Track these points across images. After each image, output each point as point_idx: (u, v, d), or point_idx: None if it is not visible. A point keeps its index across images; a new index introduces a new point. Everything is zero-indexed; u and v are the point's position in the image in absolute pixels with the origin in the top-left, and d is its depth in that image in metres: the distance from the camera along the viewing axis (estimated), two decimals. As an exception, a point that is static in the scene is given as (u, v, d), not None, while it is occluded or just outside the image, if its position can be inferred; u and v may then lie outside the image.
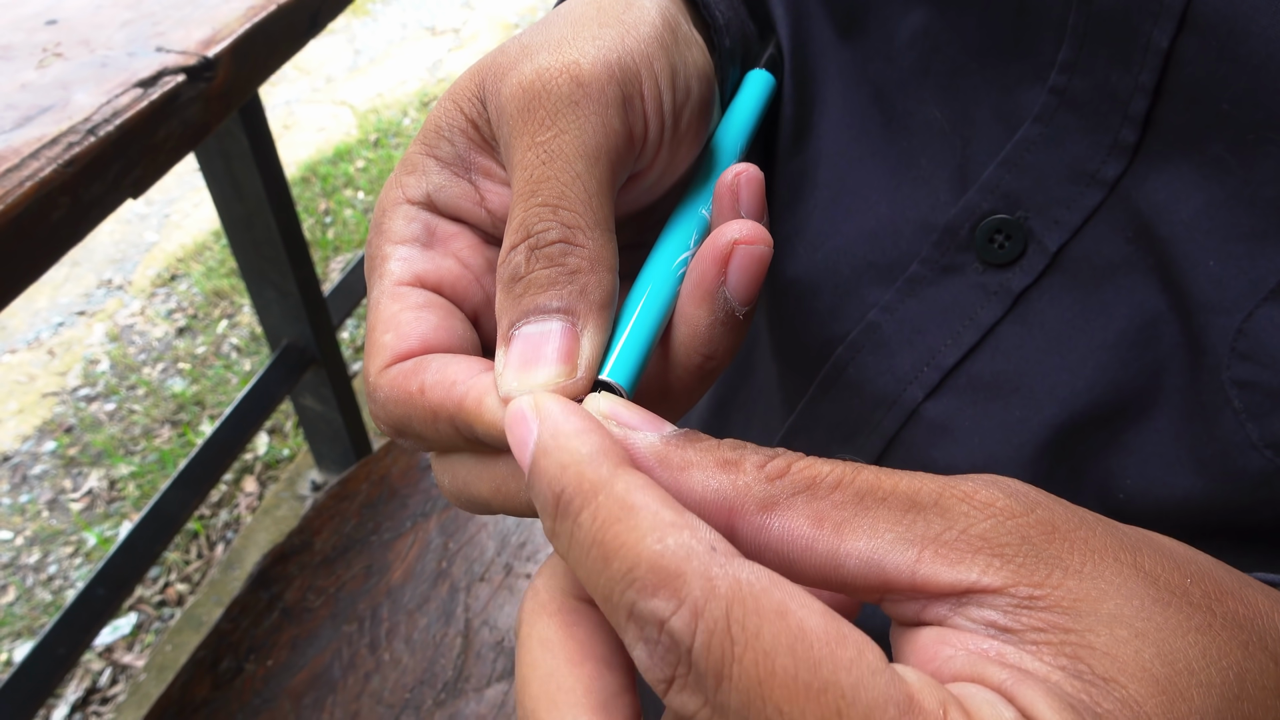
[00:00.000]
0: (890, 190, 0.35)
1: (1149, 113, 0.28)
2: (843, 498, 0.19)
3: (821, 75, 0.37)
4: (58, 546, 1.73)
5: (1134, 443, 0.30)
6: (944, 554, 0.18)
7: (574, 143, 0.24)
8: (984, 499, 0.19)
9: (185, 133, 0.67)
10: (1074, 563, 0.18)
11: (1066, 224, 0.30)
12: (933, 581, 0.18)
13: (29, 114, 0.61)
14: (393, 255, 0.27)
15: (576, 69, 0.25)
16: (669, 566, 0.17)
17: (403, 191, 0.28)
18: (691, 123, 0.29)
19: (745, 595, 0.17)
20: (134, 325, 2.19)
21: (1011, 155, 0.31)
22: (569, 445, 0.19)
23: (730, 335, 0.26)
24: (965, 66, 0.33)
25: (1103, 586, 0.18)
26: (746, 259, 0.25)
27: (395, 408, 0.25)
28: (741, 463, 0.20)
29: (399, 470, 1.00)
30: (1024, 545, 0.18)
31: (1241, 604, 0.19)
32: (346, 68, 3.06)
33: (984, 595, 0.18)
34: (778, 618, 0.16)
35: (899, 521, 0.19)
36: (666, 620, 0.17)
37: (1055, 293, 0.31)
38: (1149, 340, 0.29)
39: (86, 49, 0.69)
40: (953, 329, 0.33)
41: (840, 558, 0.19)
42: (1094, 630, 0.17)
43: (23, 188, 0.55)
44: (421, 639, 0.84)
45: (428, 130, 0.28)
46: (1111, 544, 0.19)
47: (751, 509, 0.20)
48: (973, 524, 0.19)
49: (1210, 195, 0.27)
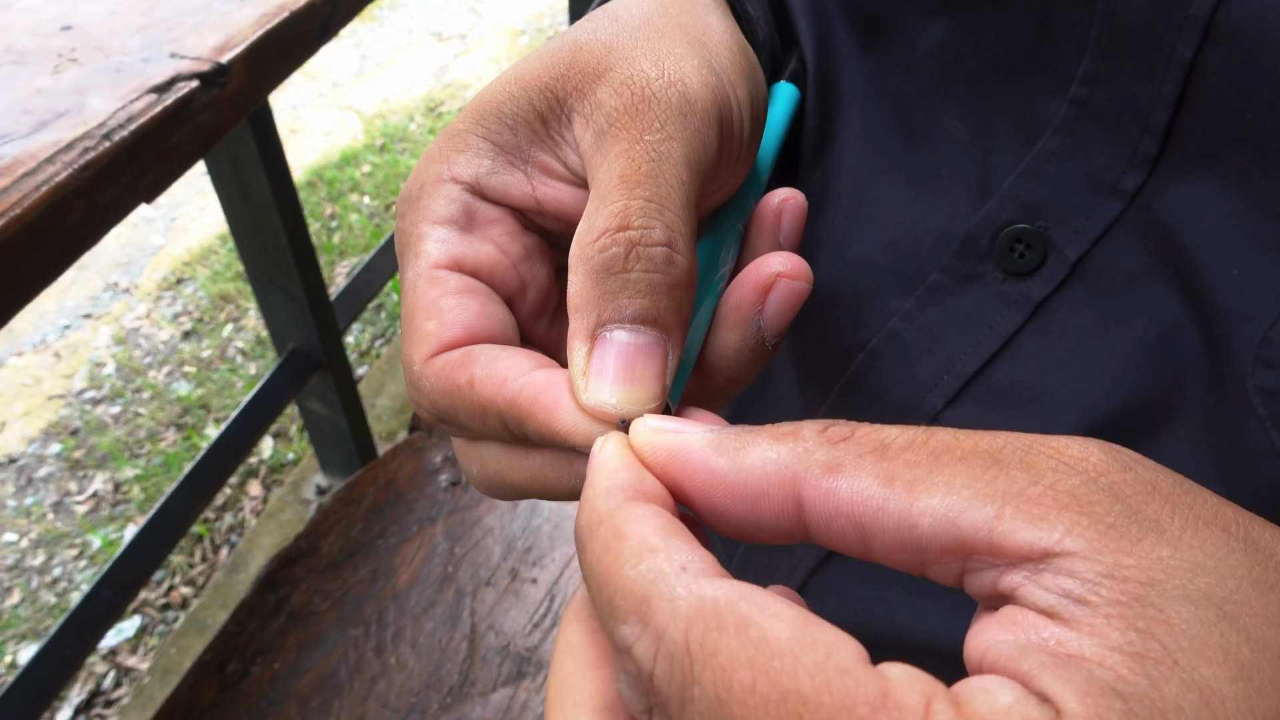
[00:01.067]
0: (910, 200, 0.35)
1: (1170, 123, 0.28)
2: (916, 457, 0.18)
3: (843, 86, 0.38)
4: (62, 549, 1.74)
5: (1154, 452, 0.30)
6: (1026, 509, 0.17)
7: (681, 150, 0.24)
8: (1076, 454, 0.18)
9: (198, 138, 0.67)
10: (1173, 528, 0.17)
11: (1086, 234, 0.30)
12: (1010, 540, 0.17)
13: (45, 119, 0.62)
14: (430, 235, 0.26)
15: (684, 84, 0.25)
16: (638, 592, 0.17)
17: (449, 169, 0.27)
18: (755, 145, 0.29)
19: (707, 612, 0.16)
20: (140, 328, 2.20)
21: (1032, 166, 0.31)
22: (594, 481, 0.20)
23: (756, 362, 0.26)
24: (986, 78, 0.33)
25: (1199, 559, 0.16)
26: (787, 293, 0.25)
27: (442, 399, 0.25)
28: (800, 432, 0.20)
29: (405, 475, 1.00)
30: (1117, 504, 0.17)
31: None
32: (353, 73, 3.08)
33: (1064, 559, 0.17)
34: (738, 631, 0.16)
35: (978, 477, 0.18)
36: (633, 647, 0.17)
37: (1075, 302, 0.31)
38: (1168, 350, 0.29)
39: (101, 55, 0.70)
40: (973, 337, 0.33)
41: (914, 517, 0.18)
42: (1176, 606, 0.16)
43: (39, 192, 0.56)
44: (427, 643, 0.84)
45: (486, 113, 0.27)
46: (1223, 513, 0.18)
47: (817, 473, 0.19)
48: (1060, 479, 0.17)
49: (1233, 205, 0.27)
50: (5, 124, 0.61)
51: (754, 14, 0.33)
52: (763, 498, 0.19)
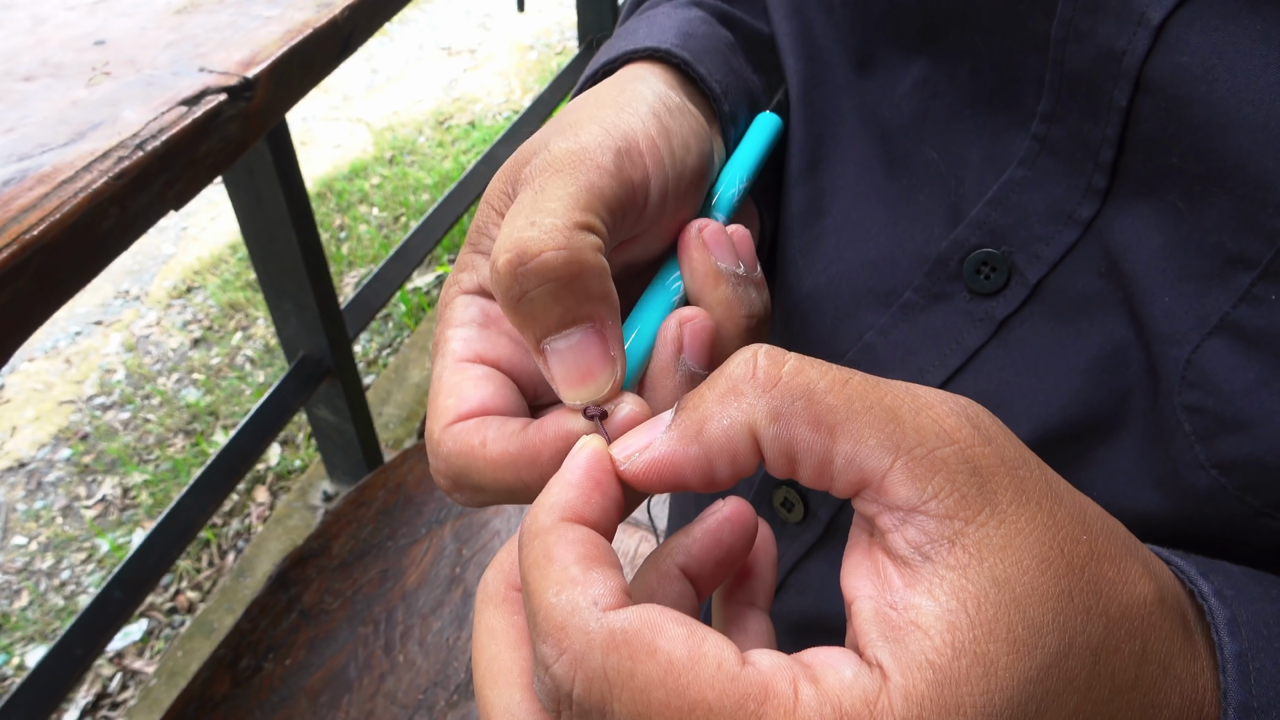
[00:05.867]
0: (890, 223, 0.39)
1: (1115, 161, 0.31)
2: (835, 401, 0.23)
3: (833, 115, 0.41)
4: (71, 553, 1.77)
5: (1102, 459, 0.33)
6: (910, 467, 0.22)
7: (563, 180, 0.28)
8: (951, 425, 0.23)
9: (225, 148, 0.71)
10: (1003, 503, 0.22)
11: (1046, 258, 0.33)
12: (893, 490, 0.22)
13: (81, 130, 0.65)
14: (454, 337, 0.31)
15: (578, 143, 0.29)
16: (557, 619, 0.21)
17: (459, 286, 0.32)
18: (694, 176, 0.33)
19: (619, 643, 0.21)
20: (150, 336, 2.24)
21: (998, 195, 0.34)
22: (547, 490, 0.24)
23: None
24: (960, 113, 0.36)
25: (1010, 536, 0.21)
26: (693, 332, 0.29)
27: (458, 459, 0.29)
28: (738, 387, 0.24)
29: (415, 478, 1.03)
30: (973, 478, 0.22)
31: (1114, 568, 0.22)
32: (364, 86, 3.13)
33: (924, 518, 0.22)
34: (648, 656, 0.20)
35: (881, 429, 0.22)
36: (551, 666, 0.21)
37: (1035, 320, 0.34)
38: (1117, 366, 0.32)
39: (133, 68, 0.73)
40: (941, 351, 0.36)
41: (832, 456, 0.23)
42: (984, 584, 0.21)
43: (77, 199, 0.59)
44: (435, 642, 0.87)
45: (472, 232, 0.32)
46: (1039, 487, 0.22)
47: (764, 423, 0.23)
48: (939, 447, 0.22)
49: (1167, 237, 0.30)
50: (44, 134, 0.65)
51: (704, 73, 0.37)
52: (736, 454, 0.24)
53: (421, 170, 2.72)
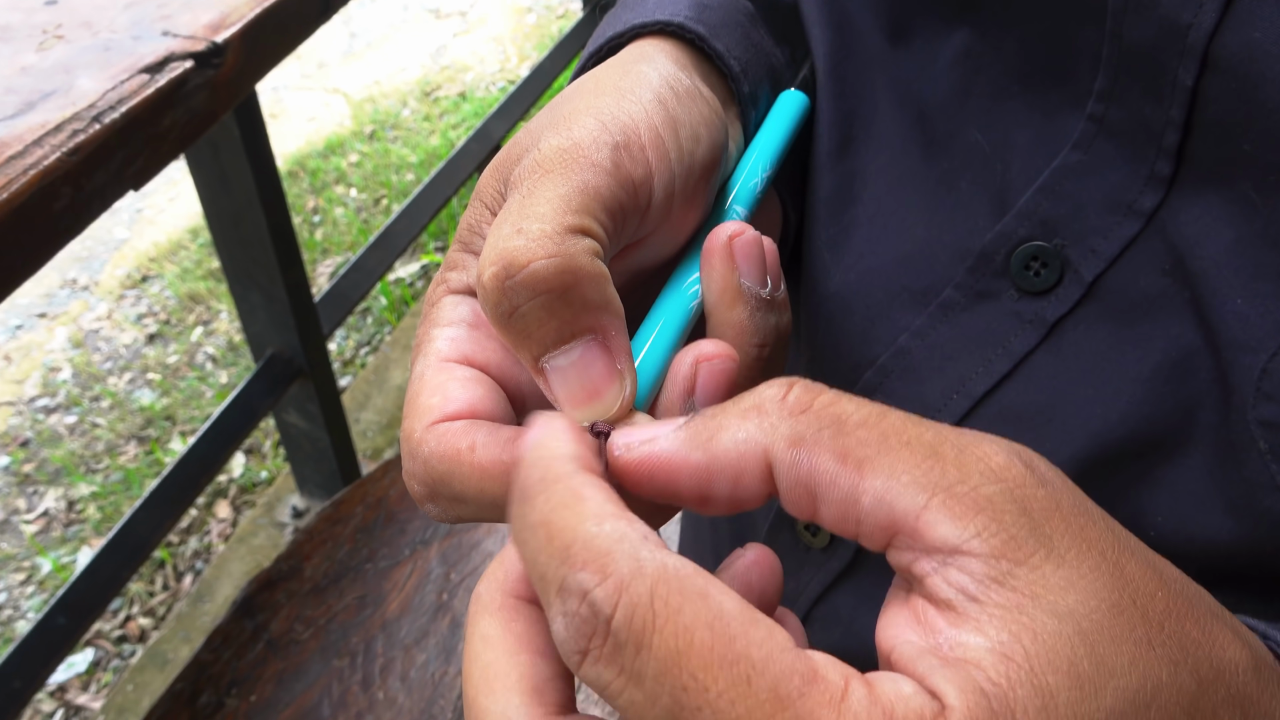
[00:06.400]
0: (928, 213, 0.39)
1: (1181, 146, 0.31)
2: (868, 435, 0.23)
3: (865, 91, 0.41)
4: (8, 572, 1.78)
5: (1167, 479, 0.33)
6: (950, 505, 0.22)
7: (553, 181, 0.28)
8: (1000, 463, 0.23)
9: (190, 121, 0.71)
10: (1061, 546, 0.22)
11: (1103, 253, 0.34)
12: (931, 530, 0.22)
13: (31, 99, 0.66)
14: (440, 336, 0.31)
15: (570, 139, 0.30)
16: (601, 546, 0.21)
17: (447, 286, 0.32)
18: (704, 170, 0.33)
19: (670, 577, 0.21)
20: (100, 330, 2.25)
21: (1049, 182, 0.34)
22: (546, 445, 0.24)
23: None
24: (1007, 90, 0.37)
25: (1074, 578, 0.21)
26: (709, 373, 0.29)
27: (440, 464, 0.28)
28: (763, 405, 0.24)
29: (398, 493, 1.03)
30: (1023, 518, 0.22)
31: (1199, 629, 0.22)
32: (341, 52, 3.14)
33: (969, 559, 0.22)
34: (699, 598, 0.20)
35: (917, 465, 0.22)
36: (590, 591, 0.21)
37: (1091, 323, 0.34)
38: (1184, 375, 0.32)
39: (89, 31, 0.74)
40: (984, 357, 0.36)
41: (859, 493, 0.23)
42: (1045, 618, 0.21)
43: (26, 176, 0.60)
44: (419, 677, 0.87)
45: (461, 230, 0.33)
46: (1104, 539, 0.23)
47: (782, 446, 0.23)
48: (983, 484, 0.22)
49: (1239, 232, 0.30)
50: (-10, 104, 0.65)
51: (721, 49, 0.37)
52: (741, 475, 0.24)
53: (405, 147, 2.73)
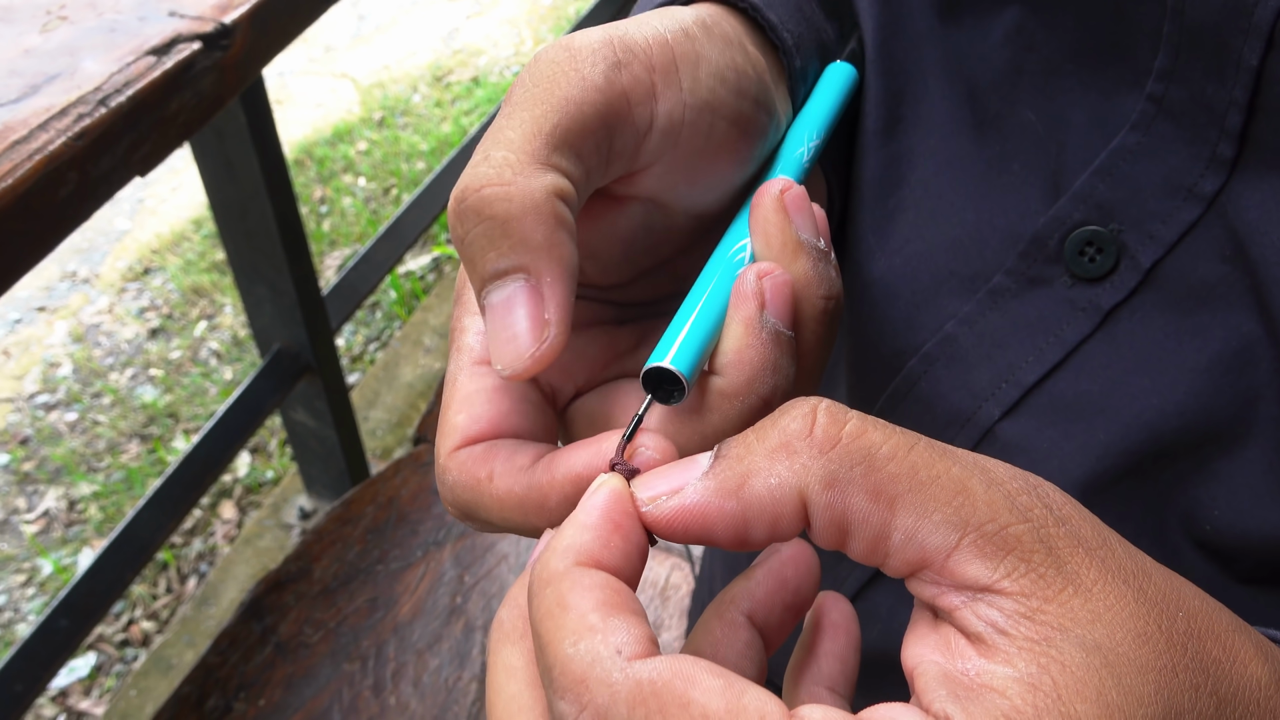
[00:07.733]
0: (979, 196, 0.39)
1: (1244, 129, 0.31)
2: (897, 470, 0.23)
3: (914, 68, 0.41)
4: (8, 574, 1.79)
5: (1224, 472, 0.33)
6: (981, 544, 0.23)
7: (532, 103, 0.28)
8: (1025, 502, 0.23)
9: (198, 105, 0.72)
10: (1087, 580, 0.23)
11: (1161, 239, 0.33)
12: (961, 569, 0.23)
13: (35, 82, 0.66)
14: (470, 328, 0.32)
15: (566, 51, 0.29)
16: (575, 671, 0.22)
17: None
18: (732, 116, 0.32)
19: (647, 695, 0.21)
20: (101, 324, 2.27)
21: (1106, 164, 0.34)
22: (560, 533, 0.25)
23: (774, 358, 0.29)
24: (1061, 68, 0.36)
25: (1100, 610, 0.22)
26: (774, 287, 0.29)
27: (463, 493, 0.30)
28: (791, 444, 0.24)
29: (409, 493, 1.03)
30: (1049, 557, 0.23)
31: (1220, 647, 0.23)
32: (349, 36, 3.15)
33: (998, 596, 0.23)
34: (680, 710, 0.21)
35: (948, 503, 0.23)
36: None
37: (1147, 311, 0.34)
38: (1244, 366, 0.32)
39: (93, 12, 0.74)
40: (1035, 345, 0.36)
41: (889, 531, 0.23)
42: (1073, 650, 0.22)
43: (31, 161, 0.60)
44: (432, 682, 0.87)
45: None
46: (1127, 565, 0.24)
47: (817, 489, 0.24)
48: (1012, 524, 0.23)
49: None
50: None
51: (774, 20, 0.37)
52: (779, 519, 0.24)
53: (416, 134, 2.73)
